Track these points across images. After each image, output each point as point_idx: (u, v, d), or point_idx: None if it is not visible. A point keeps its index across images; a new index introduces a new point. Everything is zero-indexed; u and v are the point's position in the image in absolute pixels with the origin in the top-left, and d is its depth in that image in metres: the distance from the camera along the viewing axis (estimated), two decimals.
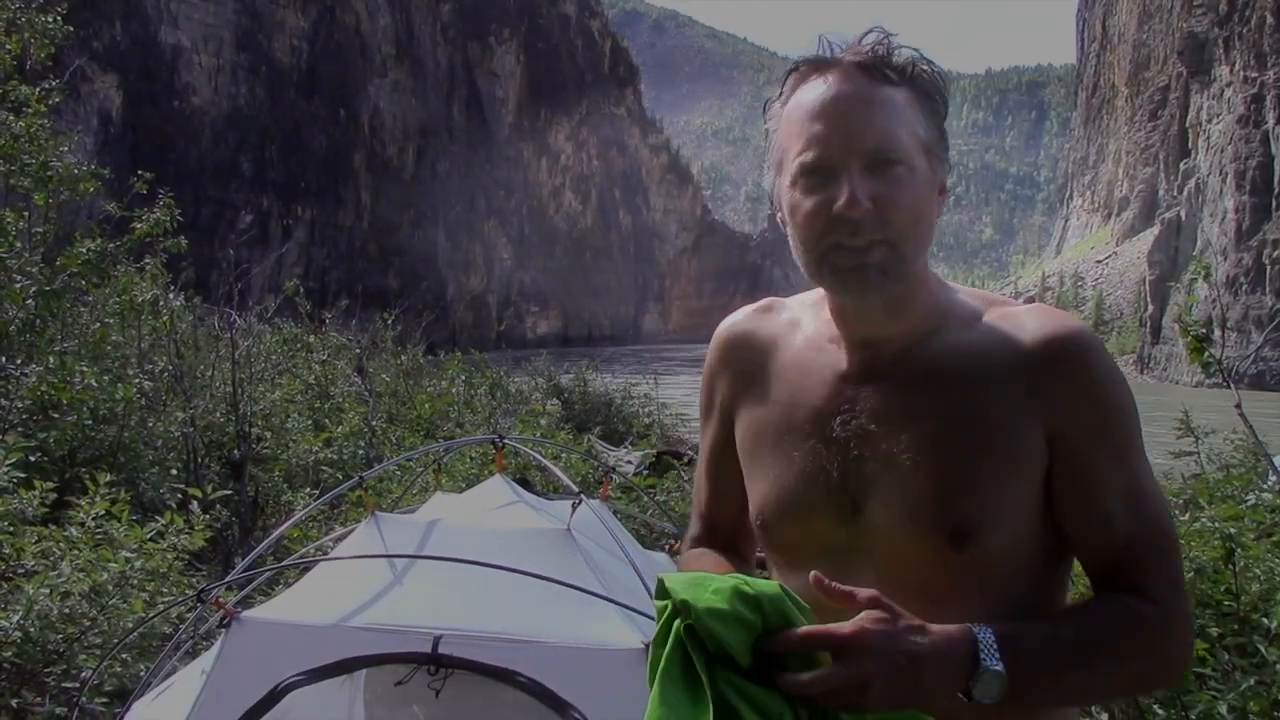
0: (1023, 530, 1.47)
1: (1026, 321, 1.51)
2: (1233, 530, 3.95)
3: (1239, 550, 3.91)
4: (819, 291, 1.63)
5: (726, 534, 1.80)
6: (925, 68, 1.52)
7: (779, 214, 1.57)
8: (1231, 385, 5.60)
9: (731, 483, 1.72)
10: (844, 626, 1.31)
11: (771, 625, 1.32)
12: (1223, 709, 3.54)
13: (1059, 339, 1.48)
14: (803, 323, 1.68)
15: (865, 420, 1.52)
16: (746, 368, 1.70)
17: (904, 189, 1.45)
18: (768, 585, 1.36)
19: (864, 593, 1.34)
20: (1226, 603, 3.91)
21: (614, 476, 5.51)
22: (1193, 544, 4.02)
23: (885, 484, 1.49)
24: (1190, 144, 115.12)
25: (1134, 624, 1.41)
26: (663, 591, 1.39)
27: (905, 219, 1.46)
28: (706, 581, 1.36)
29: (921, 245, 1.50)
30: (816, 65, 1.52)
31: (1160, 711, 3.81)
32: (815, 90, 1.50)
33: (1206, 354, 5.10)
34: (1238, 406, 5.50)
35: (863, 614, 1.32)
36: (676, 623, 1.35)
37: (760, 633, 1.32)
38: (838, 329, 1.59)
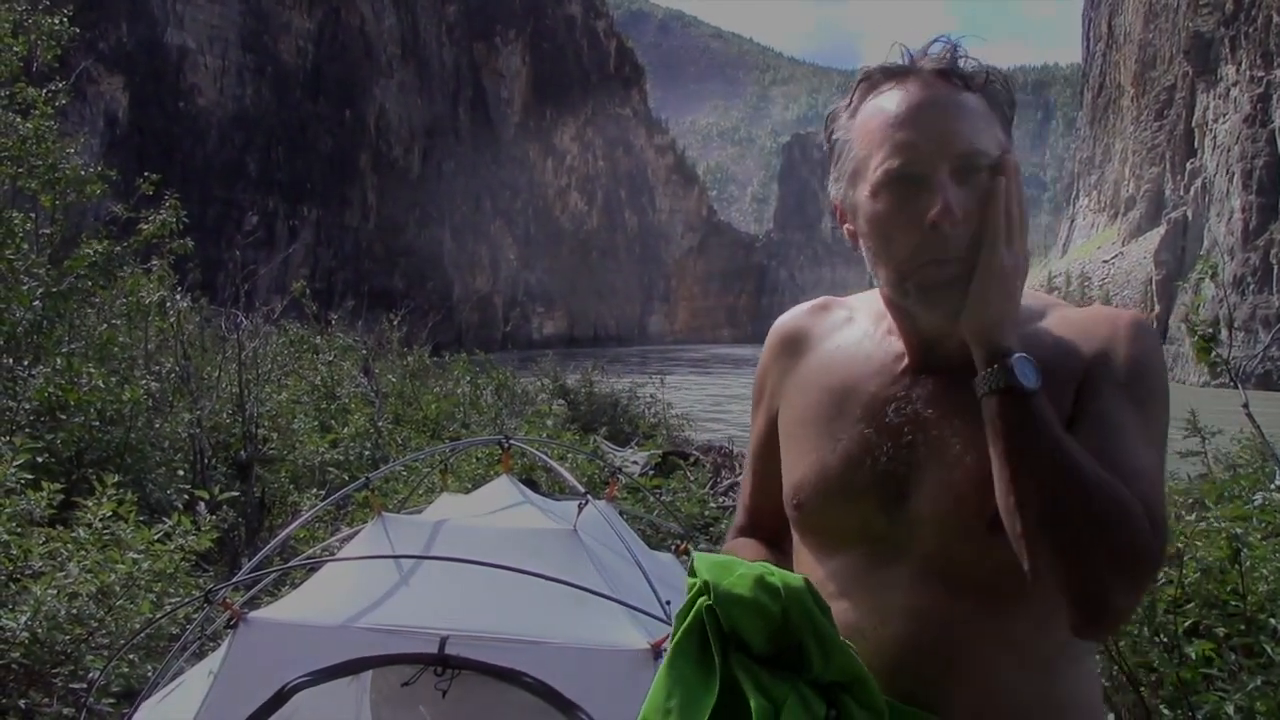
0: None
1: (1085, 315, 1.54)
2: (1240, 530, 3.94)
3: (1246, 550, 3.91)
4: (876, 293, 1.63)
5: (769, 527, 1.80)
6: (996, 77, 1.52)
7: (846, 227, 1.57)
8: (1239, 385, 5.59)
9: (775, 476, 1.71)
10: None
11: (790, 616, 1.34)
12: (1229, 709, 3.54)
13: (1113, 319, 1.52)
14: (858, 318, 1.69)
15: (921, 407, 1.52)
16: (795, 361, 1.71)
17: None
18: (793, 577, 1.38)
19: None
20: (1233, 603, 3.91)
21: (620, 477, 5.50)
22: (1199, 544, 4.02)
23: (934, 470, 1.49)
24: (1197, 143, 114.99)
25: (1131, 502, 1.33)
26: (693, 569, 1.42)
27: None
28: (734, 566, 1.39)
29: None
30: (892, 73, 1.52)
31: (1167, 711, 3.81)
32: (896, 97, 1.49)
33: (1214, 354, 5.10)
34: (1245, 406, 5.49)
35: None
36: (700, 600, 1.37)
37: (779, 622, 1.33)
38: (897, 325, 1.59)
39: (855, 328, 1.67)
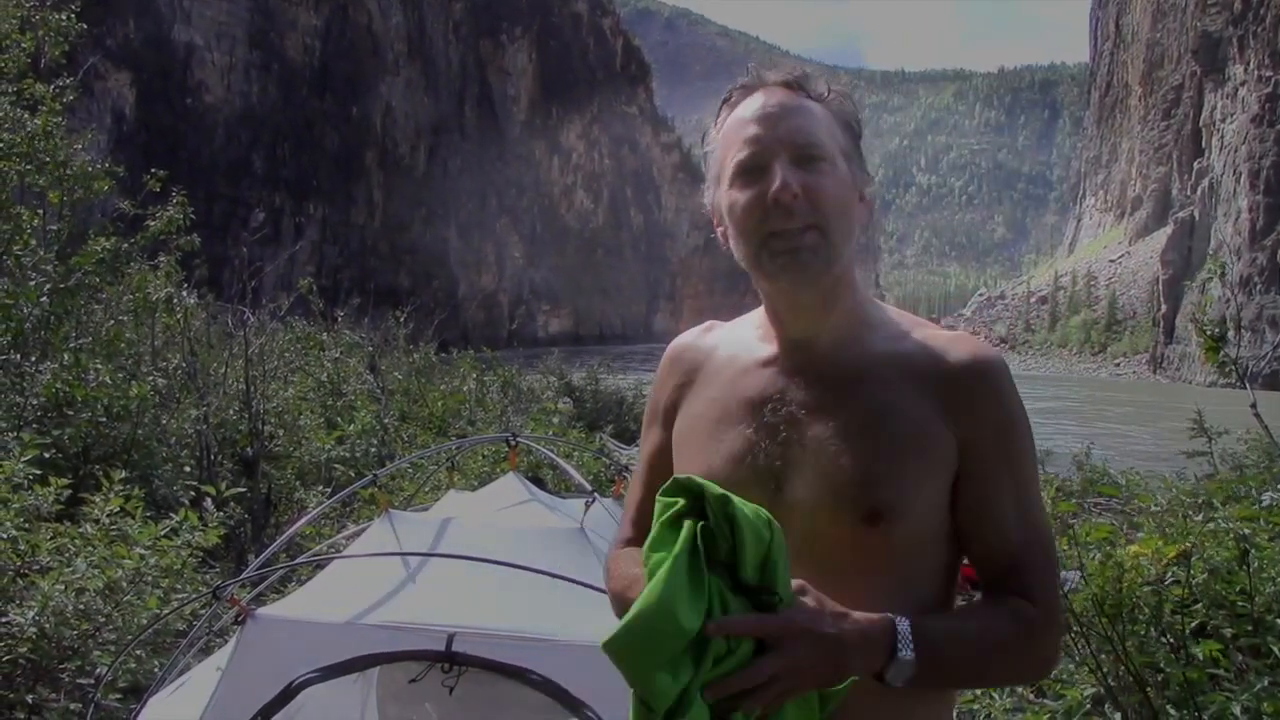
0: (929, 520, 1.63)
1: (950, 344, 1.68)
2: (1247, 531, 3.94)
3: (1253, 551, 3.90)
4: (758, 311, 1.83)
5: None
6: (840, 95, 1.74)
7: (720, 229, 1.76)
8: (1246, 385, 5.58)
9: None
10: (776, 617, 1.45)
11: (774, 545, 1.46)
12: (1236, 710, 3.53)
13: (978, 364, 1.66)
14: (741, 333, 1.85)
15: (795, 408, 1.67)
16: (687, 377, 1.87)
17: (829, 180, 1.64)
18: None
19: (794, 583, 1.49)
20: (1240, 604, 3.90)
21: (626, 475, 5.50)
22: (1207, 544, 4.01)
23: (809, 466, 1.63)
24: (1204, 143, 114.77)
25: (1024, 626, 1.59)
26: (677, 489, 1.51)
27: (832, 207, 1.63)
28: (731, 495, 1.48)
29: (847, 237, 1.66)
30: (745, 88, 1.73)
31: (1173, 712, 3.80)
32: (747, 105, 1.71)
33: (1222, 353, 5.08)
34: (1253, 406, 5.48)
35: (795, 600, 1.47)
36: (688, 523, 1.45)
37: (767, 551, 1.45)
38: (773, 329, 1.76)
39: (737, 341, 1.84)
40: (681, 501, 1.49)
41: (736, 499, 1.46)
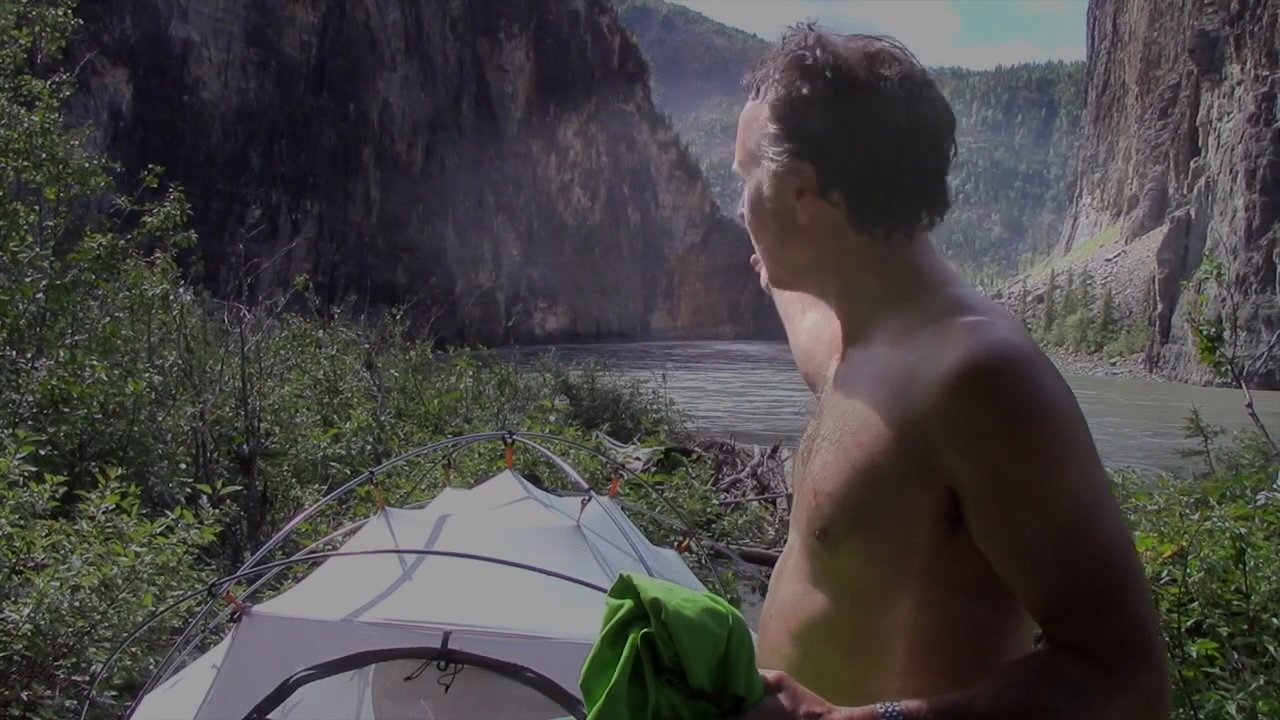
0: (894, 556, 1.42)
1: (949, 346, 1.39)
2: (1243, 529, 3.94)
3: (1249, 550, 3.91)
4: None
5: None
6: (772, 70, 1.58)
7: None
8: (1242, 385, 5.59)
9: None
10: None
11: (733, 641, 1.27)
12: (1231, 708, 3.53)
13: (971, 373, 1.35)
14: None
15: (824, 403, 1.60)
16: None
17: (749, 194, 1.61)
18: (731, 608, 1.31)
19: (770, 674, 1.31)
20: (1236, 602, 3.91)
21: (623, 474, 5.51)
22: (1203, 543, 4.02)
23: (811, 468, 1.54)
24: (1200, 142, 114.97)
25: (1069, 689, 1.27)
26: (623, 589, 1.32)
27: (752, 223, 1.63)
28: (676, 589, 1.30)
29: (770, 245, 1.63)
30: None
31: None
32: None
33: (1218, 353, 5.10)
34: (1249, 406, 5.49)
35: (763, 701, 1.28)
36: (631, 638, 1.27)
37: (724, 650, 1.26)
38: None
39: None
40: (629, 603, 1.30)
41: (679, 596, 1.28)
